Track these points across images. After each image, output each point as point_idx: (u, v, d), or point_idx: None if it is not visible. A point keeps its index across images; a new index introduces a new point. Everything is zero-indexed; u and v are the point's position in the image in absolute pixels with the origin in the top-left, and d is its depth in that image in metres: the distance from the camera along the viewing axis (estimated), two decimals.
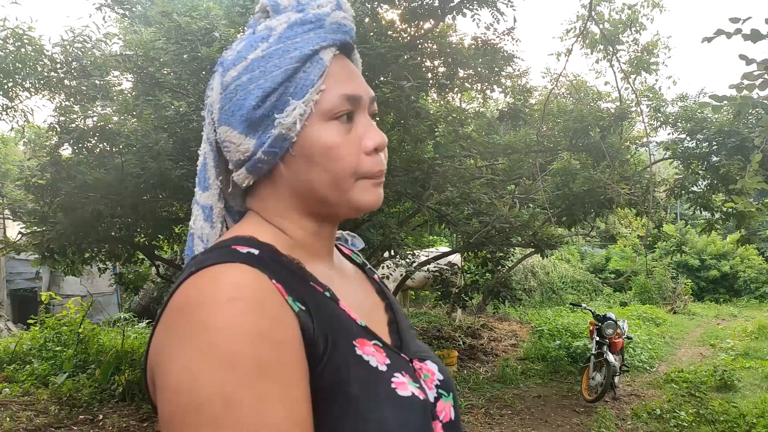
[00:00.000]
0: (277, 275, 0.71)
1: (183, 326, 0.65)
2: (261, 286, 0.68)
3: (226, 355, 0.62)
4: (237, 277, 0.67)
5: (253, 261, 0.71)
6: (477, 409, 6.66)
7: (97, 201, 5.58)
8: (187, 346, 0.64)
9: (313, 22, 0.78)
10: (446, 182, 6.76)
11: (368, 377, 0.72)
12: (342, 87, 0.78)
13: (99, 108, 6.27)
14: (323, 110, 0.77)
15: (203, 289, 0.67)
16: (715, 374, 8.18)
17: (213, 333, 0.63)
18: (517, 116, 7.79)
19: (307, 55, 0.76)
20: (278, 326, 0.66)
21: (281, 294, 0.69)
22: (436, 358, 0.88)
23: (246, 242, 0.76)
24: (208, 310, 0.64)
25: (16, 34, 5.75)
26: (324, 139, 0.77)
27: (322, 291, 0.77)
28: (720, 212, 8.56)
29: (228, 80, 0.79)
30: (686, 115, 8.59)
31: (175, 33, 5.63)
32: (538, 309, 14.87)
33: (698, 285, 19.08)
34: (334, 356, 0.70)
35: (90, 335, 7.60)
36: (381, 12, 6.49)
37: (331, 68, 0.78)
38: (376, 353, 0.75)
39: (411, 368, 0.80)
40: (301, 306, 0.71)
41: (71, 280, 11.48)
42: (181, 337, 0.65)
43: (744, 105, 2.62)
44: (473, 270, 10.13)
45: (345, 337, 0.74)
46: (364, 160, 0.79)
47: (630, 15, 9.58)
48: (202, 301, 0.65)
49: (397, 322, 0.90)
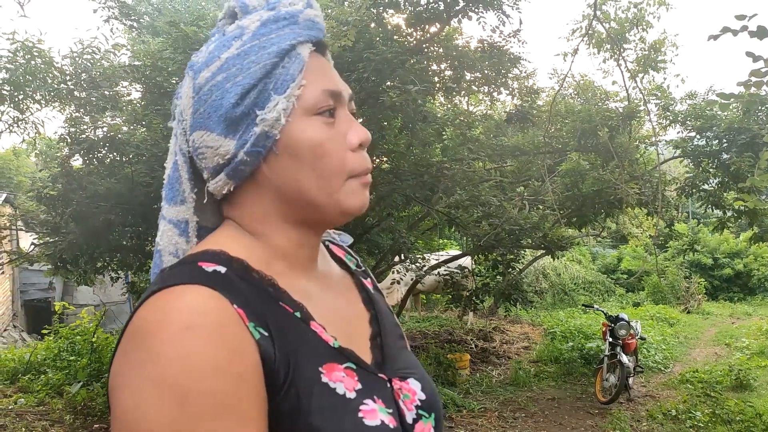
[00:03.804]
0: (240, 298, 0.67)
1: (136, 354, 0.62)
2: (220, 312, 0.64)
3: (179, 389, 0.59)
4: (195, 302, 0.63)
5: (217, 282, 0.67)
6: (490, 413, 6.64)
7: (108, 210, 5.63)
8: (139, 377, 0.60)
9: (287, 18, 0.75)
10: (455, 185, 6.76)
11: (333, 406, 0.68)
12: (322, 82, 0.76)
13: (108, 118, 6.33)
14: (306, 106, 0.74)
15: (159, 314, 0.63)
16: (731, 374, 8.11)
17: (165, 365, 0.59)
18: (525, 118, 7.77)
19: (285, 50, 0.73)
20: (236, 358, 0.62)
21: (242, 320, 0.65)
22: (421, 375, 0.84)
23: (214, 258, 0.71)
24: (161, 339, 0.61)
25: (26, 47, 5.81)
26: (309, 134, 0.74)
27: (292, 311, 0.73)
28: (732, 210, 8.49)
29: (201, 82, 0.74)
30: (695, 113, 8.53)
31: (182, 43, 5.67)
32: (550, 311, 14.81)
33: (712, 284, 18.92)
34: (296, 384, 0.67)
35: (104, 344, 7.64)
36: (387, 17, 6.51)
37: (309, 64, 0.75)
38: (346, 378, 0.71)
39: (387, 390, 0.76)
40: (263, 332, 0.67)
41: (84, 290, 11.58)
42: (133, 367, 0.61)
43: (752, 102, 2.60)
44: (484, 273, 10.10)
45: (311, 362, 0.69)
46: (351, 156, 0.76)
47: (636, 13, 9.53)
48: (156, 328, 0.62)
49: (382, 335, 0.84)
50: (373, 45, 5.56)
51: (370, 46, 5.57)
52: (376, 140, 6.57)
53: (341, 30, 4.72)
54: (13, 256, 7.87)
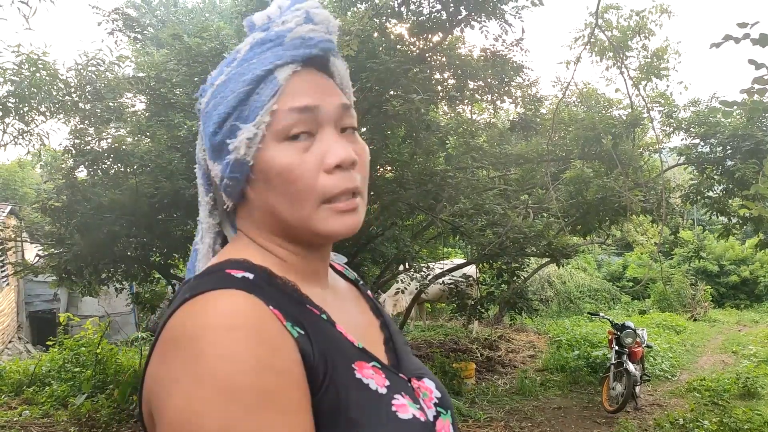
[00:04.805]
0: (274, 300, 0.70)
1: (181, 358, 0.64)
2: (258, 313, 0.67)
3: (227, 386, 0.61)
4: (233, 305, 0.66)
5: (249, 286, 0.70)
6: (496, 422, 6.60)
7: (113, 222, 5.65)
8: (187, 378, 0.62)
9: (273, 40, 0.75)
10: (459, 194, 6.76)
11: (369, 401, 0.71)
12: (294, 101, 0.74)
13: (113, 130, 6.37)
14: (276, 130, 0.74)
15: (199, 318, 0.65)
16: (738, 381, 8.05)
17: (213, 364, 0.62)
18: (529, 126, 7.78)
19: (260, 76, 0.74)
20: (278, 354, 0.65)
21: (279, 320, 0.68)
22: (431, 375, 0.87)
23: (240, 266, 0.74)
24: (206, 340, 0.63)
25: (31, 60, 5.85)
26: (278, 160, 0.74)
27: (319, 314, 0.75)
28: (737, 217, 8.46)
29: (202, 107, 0.80)
30: (699, 120, 8.52)
31: (186, 54, 5.71)
32: (556, 319, 14.75)
33: (718, 291, 18.83)
34: (334, 380, 0.69)
35: (108, 355, 7.63)
36: (389, 26, 6.54)
37: (289, 86, 0.74)
38: (375, 375, 0.74)
39: (410, 388, 0.79)
40: (299, 330, 0.69)
41: (89, 301, 11.58)
42: (180, 370, 0.63)
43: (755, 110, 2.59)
44: (489, 281, 10.08)
45: (344, 360, 0.72)
46: (325, 179, 0.74)
47: (638, 21, 9.55)
48: (199, 330, 0.64)
49: (393, 340, 0.88)
50: (376, 54, 5.59)
51: (373, 55, 5.60)
52: (379, 149, 6.58)
53: (344, 40, 4.74)
54: (18, 268, 7.89)
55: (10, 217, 11.46)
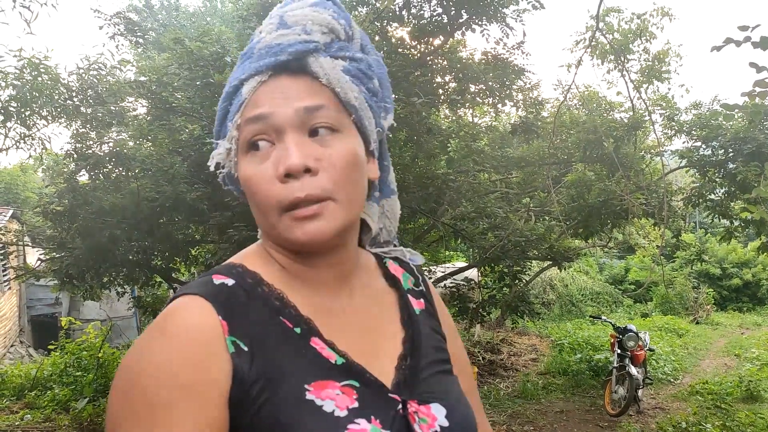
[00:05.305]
0: (232, 311, 0.71)
1: (131, 348, 0.71)
2: (199, 324, 0.69)
3: (131, 382, 0.66)
4: (182, 313, 0.70)
5: (215, 294, 0.72)
6: (499, 426, 6.58)
7: (114, 226, 5.65)
8: (121, 365, 0.69)
9: (245, 54, 0.77)
10: (460, 197, 6.76)
11: (317, 422, 0.68)
12: (248, 112, 0.74)
13: (114, 134, 6.37)
14: (242, 143, 0.75)
15: (157, 320, 0.71)
16: (741, 385, 8.03)
17: (134, 359, 0.68)
18: (530, 129, 7.78)
19: (229, 93, 0.77)
20: (191, 368, 0.66)
21: (222, 333, 0.69)
22: (453, 401, 0.81)
23: (228, 271, 0.77)
24: (145, 339, 0.69)
25: (33, 64, 5.86)
26: (243, 172, 0.76)
27: (292, 327, 0.74)
28: (739, 220, 8.45)
29: None
30: (700, 123, 8.51)
31: (187, 58, 5.72)
32: (558, 322, 14.73)
33: (720, 294, 18.79)
34: (273, 398, 0.68)
35: (110, 359, 7.63)
36: (390, 30, 6.54)
37: (252, 98, 0.74)
38: (341, 396, 0.71)
39: (395, 411, 0.74)
40: (242, 346, 0.70)
41: (91, 305, 11.58)
42: (125, 357, 0.70)
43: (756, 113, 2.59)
44: (490, 284, 10.07)
45: (296, 378, 0.70)
46: (279, 188, 0.72)
47: (639, 24, 9.55)
48: (148, 330, 0.70)
49: (413, 356, 0.82)
50: None
51: None
52: None
53: None
54: (19, 272, 7.90)
55: (11, 221, 11.47)
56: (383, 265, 0.92)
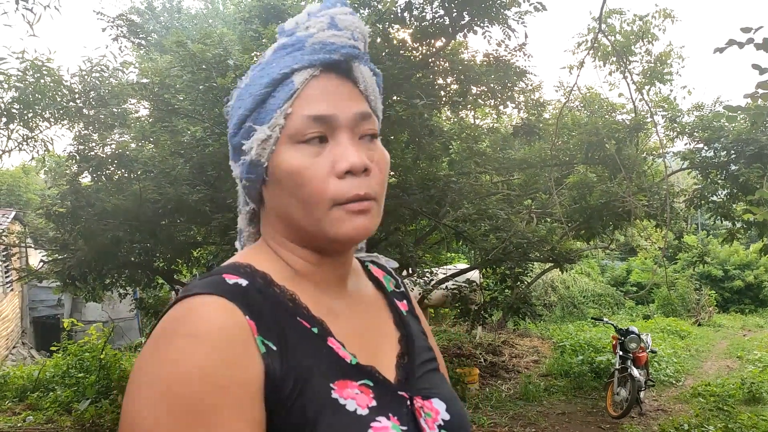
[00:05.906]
0: (255, 311, 0.70)
1: (147, 355, 0.67)
2: (228, 323, 0.67)
3: (165, 391, 0.63)
4: (207, 312, 0.67)
5: (235, 294, 0.70)
6: (500, 428, 6.58)
7: (116, 227, 5.66)
8: (142, 374, 0.66)
9: (294, 44, 0.76)
10: (462, 199, 6.75)
11: (342, 422, 0.69)
12: (311, 108, 0.75)
13: (117, 135, 6.38)
14: (290, 134, 0.75)
15: (173, 321, 0.68)
16: (743, 387, 8.02)
17: (162, 367, 0.64)
18: (532, 131, 7.77)
19: (276, 79, 0.75)
20: (228, 369, 0.65)
21: (252, 332, 0.68)
22: (448, 395, 0.84)
23: (238, 271, 0.75)
24: (167, 343, 0.66)
25: (36, 66, 5.87)
26: (288, 163, 0.75)
27: (310, 327, 0.75)
28: (741, 221, 8.44)
29: (228, 110, 0.82)
30: (703, 125, 8.52)
31: (189, 60, 5.73)
32: (559, 324, 14.72)
33: (722, 296, 18.77)
34: (303, 397, 0.69)
35: (112, 361, 7.64)
36: (392, 32, 6.54)
37: (306, 90, 0.75)
38: (360, 395, 0.73)
39: (406, 408, 0.77)
40: (271, 346, 0.69)
41: (93, 306, 11.61)
42: (142, 365, 0.67)
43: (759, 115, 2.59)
44: (492, 286, 10.06)
45: (322, 378, 0.71)
46: (336, 184, 0.74)
47: (641, 26, 9.55)
48: (168, 333, 0.67)
49: (409, 355, 0.85)
50: (378, 60, 5.59)
51: (375, 61, 5.59)
52: None
53: None
54: (22, 273, 7.91)
55: (14, 223, 11.50)
56: (366, 269, 0.95)
